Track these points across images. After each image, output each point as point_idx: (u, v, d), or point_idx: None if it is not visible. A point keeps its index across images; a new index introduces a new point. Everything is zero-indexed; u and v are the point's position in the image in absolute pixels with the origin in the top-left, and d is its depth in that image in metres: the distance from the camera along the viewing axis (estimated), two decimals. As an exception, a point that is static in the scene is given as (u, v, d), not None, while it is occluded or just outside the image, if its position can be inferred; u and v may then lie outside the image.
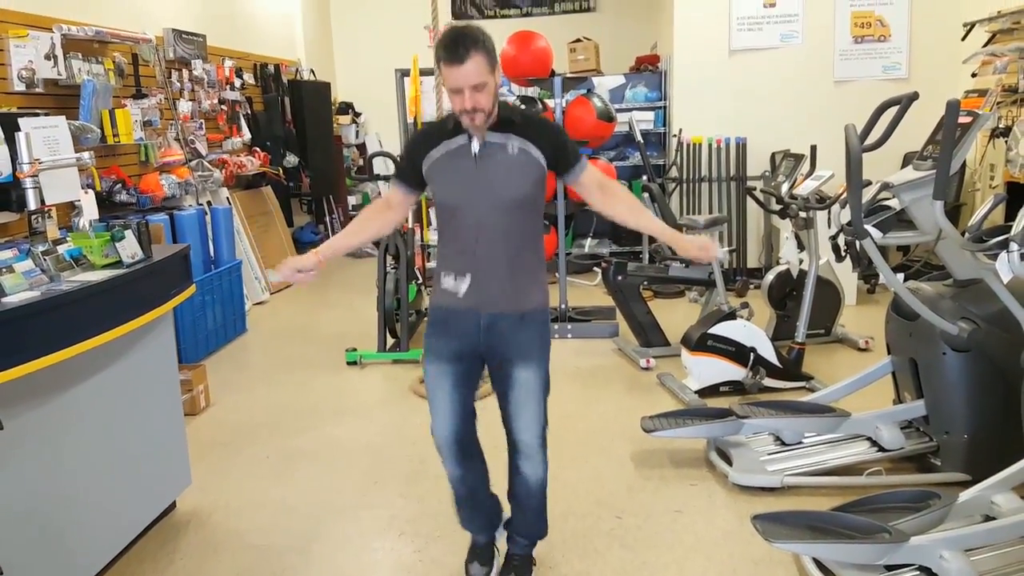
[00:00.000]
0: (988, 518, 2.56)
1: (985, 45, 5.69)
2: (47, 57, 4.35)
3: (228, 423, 4.20)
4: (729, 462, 3.33)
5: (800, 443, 3.41)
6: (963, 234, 2.86)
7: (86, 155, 3.69)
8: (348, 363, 5.04)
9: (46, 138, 3.34)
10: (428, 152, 2.38)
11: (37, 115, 3.62)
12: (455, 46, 2.15)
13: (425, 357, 2.50)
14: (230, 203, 6.63)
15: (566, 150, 2.39)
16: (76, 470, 2.61)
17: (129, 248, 2.74)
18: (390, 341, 5.23)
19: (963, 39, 5.91)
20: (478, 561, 2.68)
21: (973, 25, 5.80)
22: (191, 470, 3.31)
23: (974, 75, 5.94)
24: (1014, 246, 2.52)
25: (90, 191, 3.25)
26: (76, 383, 2.59)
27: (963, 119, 2.98)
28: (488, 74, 2.20)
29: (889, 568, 2.46)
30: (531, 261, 2.44)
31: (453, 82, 2.18)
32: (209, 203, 6.19)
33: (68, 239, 2.75)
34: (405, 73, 7.19)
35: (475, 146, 2.31)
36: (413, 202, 2.56)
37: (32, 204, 2.87)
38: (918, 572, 2.44)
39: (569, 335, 5.45)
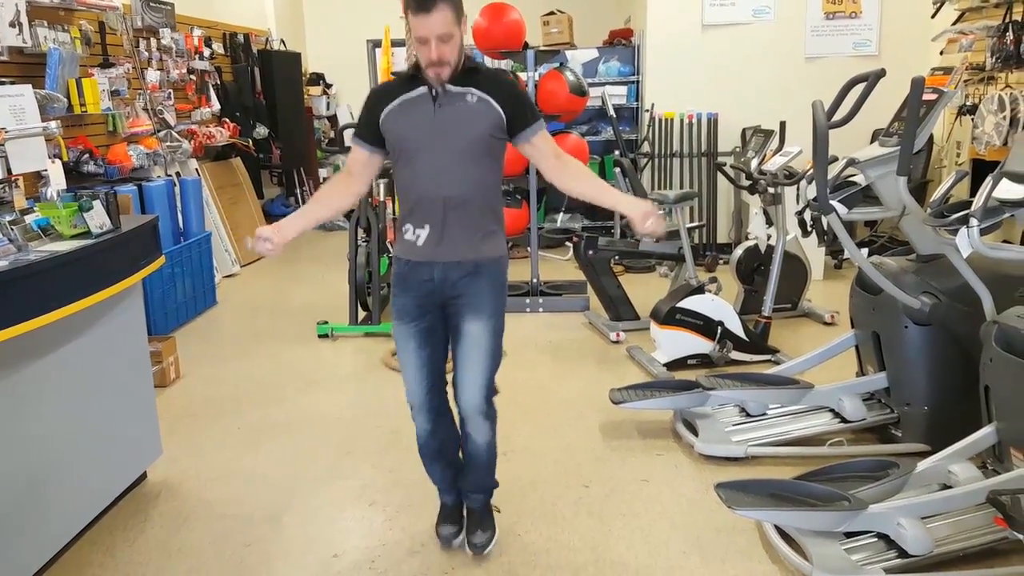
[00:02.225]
0: (945, 487, 2.64)
1: (954, 23, 5.76)
2: (11, 24, 4.25)
3: (199, 395, 4.20)
4: (695, 433, 3.40)
5: (764, 414, 3.48)
6: (927, 209, 2.93)
7: (53, 124, 3.64)
8: (319, 336, 5.04)
9: (12, 107, 3.29)
10: (386, 105, 2.39)
11: (3, 83, 3.54)
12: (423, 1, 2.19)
13: (393, 316, 2.53)
14: (199, 174, 6.55)
15: (524, 107, 2.41)
16: (46, 441, 2.61)
17: (97, 218, 2.72)
18: (362, 314, 5.23)
19: (933, 16, 5.97)
20: (448, 522, 2.75)
21: (943, 3, 5.85)
22: (162, 441, 3.31)
23: (942, 53, 6.02)
24: (973, 221, 2.58)
25: (57, 161, 3.21)
26: (45, 354, 2.58)
27: (928, 96, 3.03)
28: (454, 25, 2.25)
29: (848, 535, 2.53)
30: (488, 212, 2.45)
31: (420, 31, 2.23)
32: (178, 174, 6.11)
33: (36, 209, 2.72)
34: (376, 44, 7.12)
35: (435, 93, 2.33)
36: (376, 167, 2.53)
37: (-2, 173, 2.83)
38: (876, 539, 2.52)
39: (540, 309, 5.49)
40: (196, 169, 6.57)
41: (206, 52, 6.85)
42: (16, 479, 2.49)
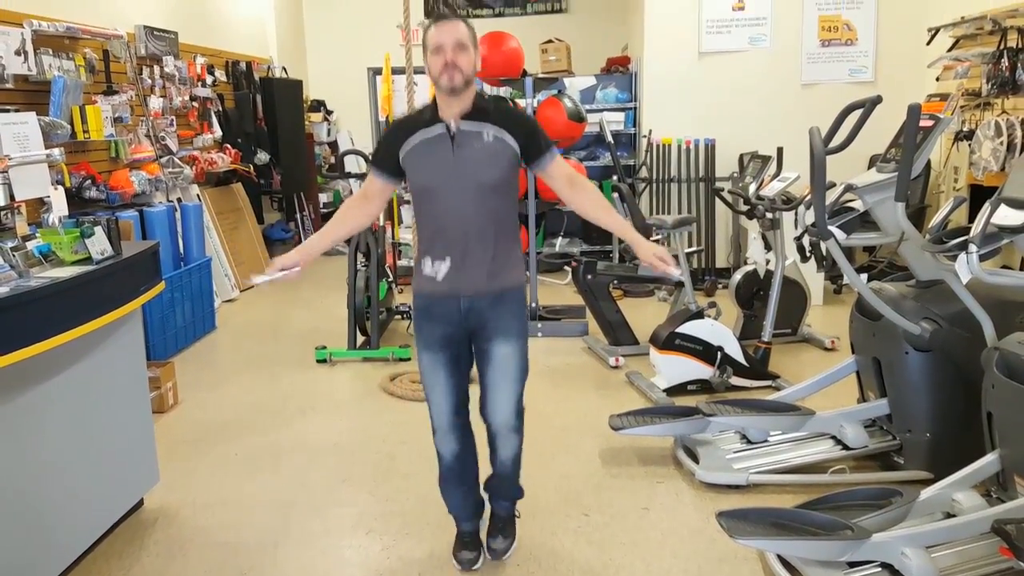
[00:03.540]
0: (949, 515, 2.62)
1: (949, 50, 5.81)
2: (17, 53, 4.29)
3: (196, 421, 4.18)
4: (696, 460, 3.38)
5: (766, 441, 3.46)
6: (925, 235, 2.93)
7: (56, 151, 3.66)
8: (318, 361, 5.03)
9: (16, 134, 3.31)
10: (405, 140, 2.47)
11: (7, 111, 3.57)
12: (443, 15, 2.37)
13: (417, 345, 2.60)
14: (200, 200, 6.57)
15: (537, 138, 2.51)
16: (43, 467, 2.59)
17: (99, 244, 2.72)
18: (360, 339, 5.22)
19: (928, 43, 6.03)
20: (466, 548, 2.76)
21: (938, 30, 5.91)
22: (159, 468, 3.29)
23: (938, 79, 6.07)
24: (972, 247, 2.58)
25: (60, 187, 3.22)
26: (44, 380, 2.57)
27: (925, 123, 3.05)
28: (470, 43, 2.38)
29: (852, 564, 2.50)
30: (507, 243, 2.53)
31: (438, 39, 2.35)
32: (179, 200, 6.13)
33: (37, 235, 2.72)
34: (377, 72, 7.18)
35: (452, 133, 2.42)
36: (390, 193, 2.66)
37: (1, 200, 2.84)
38: (880, 568, 2.49)
39: (539, 333, 5.48)
40: (197, 195, 6.59)
41: (209, 79, 6.90)
42: (12, 506, 2.46)
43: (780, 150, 5.07)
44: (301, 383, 4.73)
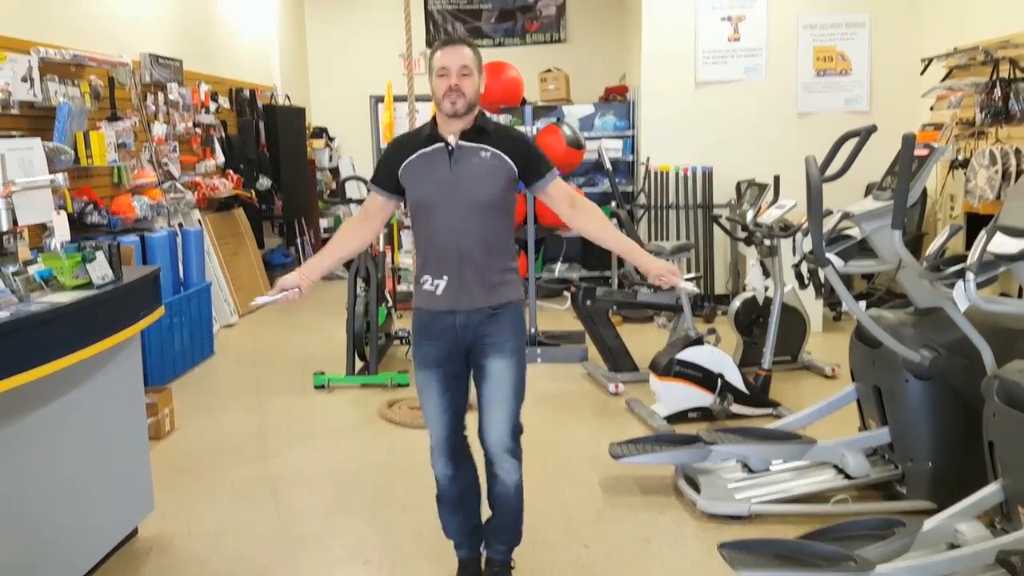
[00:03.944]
0: (953, 546, 2.59)
1: (943, 80, 5.87)
2: (24, 79, 4.32)
3: (193, 448, 4.15)
4: (697, 489, 3.36)
5: (767, 470, 3.45)
6: (923, 263, 2.94)
7: (60, 177, 3.67)
8: (316, 387, 5.01)
9: (21, 159, 3.33)
10: (405, 158, 2.51)
11: (12, 136, 3.59)
12: (451, 39, 2.45)
13: (414, 363, 2.61)
14: (201, 225, 6.59)
15: (536, 160, 2.54)
16: (37, 495, 2.57)
17: (100, 269, 2.73)
18: (359, 364, 5.21)
19: (922, 74, 6.10)
20: None
21: (931, 61, 5.98)
22: (154, 495, 3.26)
23: (932, 108, 6.12)
24: (970, 275, 2.59)
25: (63, 212, 3.23)
26: (40, 405, 2.56)
27: (920, 152, 3.07)
28: (475, 68, 2.43)
29: (855, 595, 2.49)
30: (503, 261, 2.55)
31: (443, 62, 2.40)
32: (180, 225, 6.15)
33: (39, 260, 2.73)
34: (379, 99, 7.26)
35: (450, 148, 2.45)
36: (390, 211, 2.68)
37: (4, 225, 2.85)
38: (883, 599, 2.47)
39: (539, 359, 5.47)
40: (198, 220, 6.61)
41: (212, 106, 6.95)
42: (5, 533, 2.44)
43: (777, 178, 5.11)
44: (299, 409, 4.71)
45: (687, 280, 4.81)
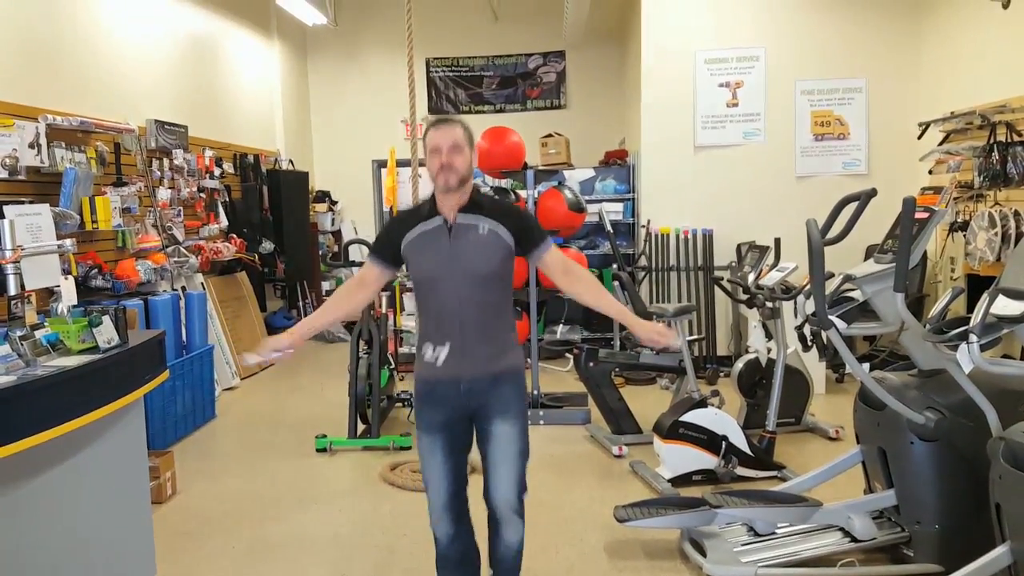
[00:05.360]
0: (961, 610, 2.57)
1: (940, 143, 5.98)
2: (31, 146, 4.41)
3: (195, 512, 4.11)
4: (703, 553, 3.31)
5: (773, 533, 3.41)
6: (925, 325, 2.96)
7: (68, 242, 3.74)
8: (318, 450, 4.98)
9: (29, 225, 3.38)
10: (406, 233, 2.60)
11: (21, 203, 3.65)
12: (442, 119, 2.53)
13: (417, 427, 2.64)
14: (204, 288, 6.63)
15: (531, 231, 2.62)
16: (41, 558, 2.54)
17: (106, 334, 2.75)
18: (361, 427, 5.18)
19: (919, 138, 6.21)
20: None
21: (928, 125, 6.10)
22: (156, 561, 3.22)
23: (931, 172, 6.22)
24: (973, 338, 2.61)
25: (69, 277, 3.27)
26: (45, 468, 2.55)
27: (920, 215, 3.12)
28: (465, 144, 2.52)
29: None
30: (503, 330, 2.63)
31: (435, 141, 2.50)
32: (183, 288, 6.19)
33: (46, 324, 2.75)
34: (382, 164, 7.37)
35: (449, 225, 2.54)
36: (386, 280, 2.75)
37: (12, 289, 2.88)
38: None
39: (541, 421, 5.44)
40: (202, 283, 6.65)
41: (217, 171, 7.06)
42: (6, 602, 2.41)
43: (778, 240, 5.15)
44: (301, 472, 4.67)
45: (689, 341, 4.84)
